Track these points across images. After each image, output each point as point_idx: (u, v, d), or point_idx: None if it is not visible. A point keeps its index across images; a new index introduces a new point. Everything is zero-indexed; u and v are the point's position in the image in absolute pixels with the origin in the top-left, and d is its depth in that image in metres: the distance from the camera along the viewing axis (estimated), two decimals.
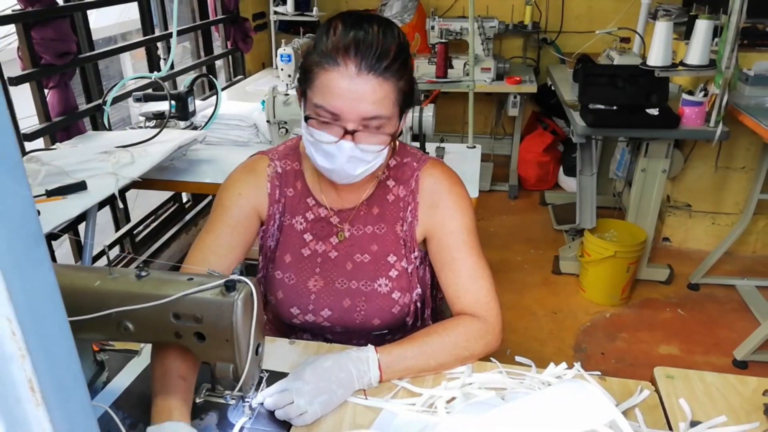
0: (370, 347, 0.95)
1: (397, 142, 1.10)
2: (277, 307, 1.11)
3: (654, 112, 2.40)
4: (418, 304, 1.12)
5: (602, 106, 2.49)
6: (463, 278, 1.03)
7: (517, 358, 1.02)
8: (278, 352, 1.03)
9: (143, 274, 0.83)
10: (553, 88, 3.24)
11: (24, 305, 0.37)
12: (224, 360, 0.82)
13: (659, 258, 2.91)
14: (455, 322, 1.00)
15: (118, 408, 0.91)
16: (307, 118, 0.96)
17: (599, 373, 0.97)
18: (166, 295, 0.80)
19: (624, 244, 2.51)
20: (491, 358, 1.00)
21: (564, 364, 0.98)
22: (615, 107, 2.47)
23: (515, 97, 3.41)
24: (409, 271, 1.08)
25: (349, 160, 0.96)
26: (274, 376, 0.96)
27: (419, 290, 1.10)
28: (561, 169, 3.79)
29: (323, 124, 0.94)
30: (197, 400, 0.90)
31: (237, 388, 0.83)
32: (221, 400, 0.90)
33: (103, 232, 1.94)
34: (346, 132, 0.93)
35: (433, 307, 1.21)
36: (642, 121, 2.38)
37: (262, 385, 0.91)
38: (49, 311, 0.39)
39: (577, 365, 0.98)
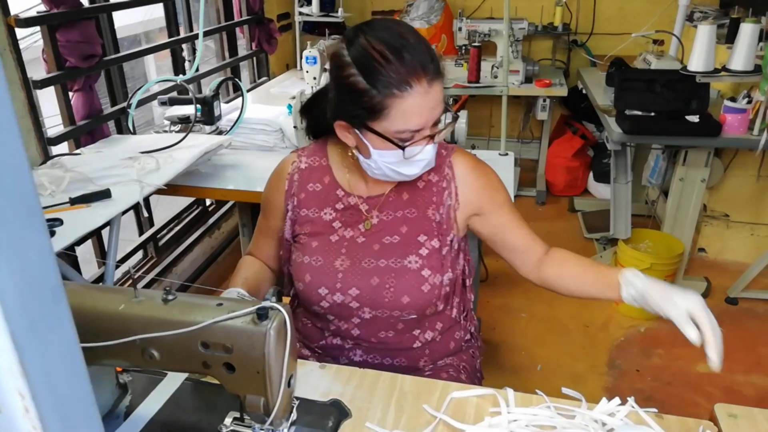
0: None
1: None
2: (305, 292, 1.12)
3: (694, 119, 2.30)
4: (448, 288, 1.12)
5: (639, 113, 2.39)
6: (525, 233, 1.16)
7: (564, 390, 0.96)
8: (309, 377, 0.98)
9: (170, 297, 0.78)
10: (584, 91, 3.14)
11: (39, 376, 0.31)
12: (255, 393, 0.76)
13: (695, 270, 2.79)
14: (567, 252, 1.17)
15: None
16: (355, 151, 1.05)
17: (656, 410, 0.90)
18: (194, 322, 0.74)
19: (660, 256, 2.41)
20: (537, 391, 0.93)
21: (617, 400, 0.90)
22: (653, 113, 2.37)
23: (544, 101, 3.32)
24: (443, 252, 1.10)
25: (431, 160, 1.04)
26: (305, 404, 0.90)
27: (450, 274, 1.11)
28: (591, 174, 3.68)
29: (401, 141, 0.99)
30: (223, 431, 0.85)
31: (268, 422, 0.78)
32: (249, 431, 0.84)
33: (125, 229, 1.88)
34: (431, 138, 1.00)
35: (461, 299, 1.20)
36: (682, 129, 2.28)
37: (292, 415, 0.85)
38: (68, 379, 0.33)
39: (631, 400, 0.91)
